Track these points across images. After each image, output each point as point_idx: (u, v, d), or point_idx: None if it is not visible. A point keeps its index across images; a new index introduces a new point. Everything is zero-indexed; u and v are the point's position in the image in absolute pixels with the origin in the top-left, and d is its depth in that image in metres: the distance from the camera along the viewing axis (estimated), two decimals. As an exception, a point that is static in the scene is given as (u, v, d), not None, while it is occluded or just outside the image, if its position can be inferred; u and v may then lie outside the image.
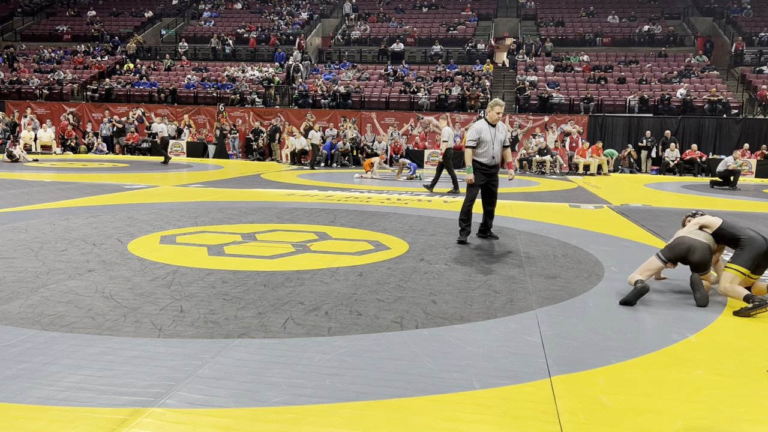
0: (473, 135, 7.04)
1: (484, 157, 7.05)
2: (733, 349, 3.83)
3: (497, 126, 7.11)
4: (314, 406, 2.87)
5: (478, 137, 7.00)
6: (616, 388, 3.18)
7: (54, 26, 33.60)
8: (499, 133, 7.09)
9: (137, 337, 3.71)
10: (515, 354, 3.61)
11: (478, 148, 7.04)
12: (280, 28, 31.74)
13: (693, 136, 21.78)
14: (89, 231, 7.18)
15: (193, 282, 5.02)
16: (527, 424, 2.77)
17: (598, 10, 32.04)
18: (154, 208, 9.29)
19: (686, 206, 11.37)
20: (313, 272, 5.46)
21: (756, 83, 24.40)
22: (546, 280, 5.48)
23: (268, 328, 3.92)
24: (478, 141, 7.02)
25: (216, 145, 22.72)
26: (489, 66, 27.19)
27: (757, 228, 8.05)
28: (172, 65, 28.60)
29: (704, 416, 2.90)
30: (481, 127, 7.05)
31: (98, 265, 5.50)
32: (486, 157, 7.05)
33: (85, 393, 2.93)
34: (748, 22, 29.77)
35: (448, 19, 32.11)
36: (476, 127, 7.08)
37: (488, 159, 7.06)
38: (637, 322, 4.40)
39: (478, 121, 7.16)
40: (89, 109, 24.92)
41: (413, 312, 4.37)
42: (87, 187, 11.86)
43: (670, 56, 27.63)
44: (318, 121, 22.87)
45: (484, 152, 7.03)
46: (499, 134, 7.09)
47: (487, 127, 7.04)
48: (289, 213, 9.14)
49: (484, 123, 7.08)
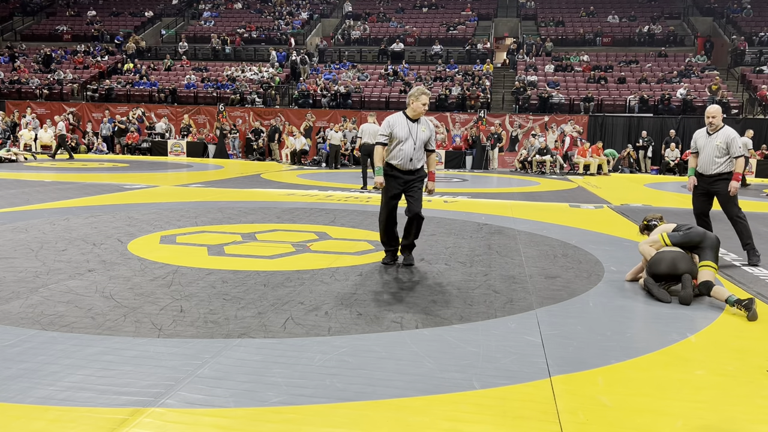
0: (384, 129, 5.70)
1: (397, 158, 5.66)
2: (733, 349, 3.82)
3: (420, 121, 5.70)
4: (314, 406, 2.87)
5: (390, 132, 5.65)
6: (616, 388, 3.18)
7: (54, 26, 33.60)
8: (421, 132, 5.68)
9: (137, 336, 3.71)
10: (515, 354, 3.61)
11: (391, 147, 5.70)
12: (280, 28, 31.74)
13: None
14: (89, 231, 7.18)
15: (193, 282, 5.02)
16: (527, 424, 2.77)
17: (598, 10, 32.04)
18: (154, 208, 9.29)
19: (687, 206, 11.37)
20: (313, 272, 5.46)
21: (756, 83, 24.39)
22: (546, 279, 5.48)
23: (268, 328, 3.92)
24: (390, 137, 5.67)
25: (216, 145, 22.73)
26: (489, 66, 27.19)
27: (756, 228, 8.03)
28: (172, 65, 28.60)
29: (704, 416, 2.90)
30: (395, 120, 5.69)
31: (98, 265, 5.50)
32: (399, 159, 5.66)
33: (86, 393, 2.93)
34: (748, 22, 29.77)
35: (448, 19, 32.11)
36: (389, 120, 5.73)
37: (403, 161, 5.66)
38: (637, 322, 4.40)
39: (395, 114, 5.84)
40: (89, 109, 24.92)
41: (413, 312, 4.37)
42: (87, 187, 11.86)
43: (670, 56, 27.63)
44: (318, 121, 22.88)
45: (397, 153, 5.65)
46: (421, 132, 5.68)
47: (405, 122, 5.65)
48: (289, 213, 9.14)
49: (402, 116, 5.72)
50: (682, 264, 4.88)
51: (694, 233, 5.10)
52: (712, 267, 4.92)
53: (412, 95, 5.64)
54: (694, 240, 5.07)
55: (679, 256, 4.93)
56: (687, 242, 5.09)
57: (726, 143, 6.42)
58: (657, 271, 4.93)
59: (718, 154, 6.46)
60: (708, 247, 5.01)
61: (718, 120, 6.50)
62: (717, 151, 6.45)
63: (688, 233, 5.13)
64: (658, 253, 5.04)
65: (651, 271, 4.98)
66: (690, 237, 5.10)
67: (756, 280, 5.70)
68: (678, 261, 4.89)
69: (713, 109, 6.47)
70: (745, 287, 5.36)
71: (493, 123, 22.31)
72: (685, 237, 5.11)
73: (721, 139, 6.45)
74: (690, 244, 5.08)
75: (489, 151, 21.11)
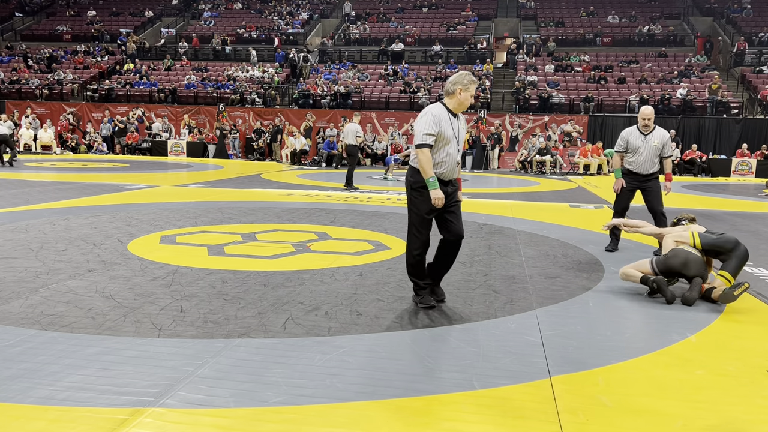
0: (429, 126, 4.27)
1: (443, 165, 4.35)
2: (734, 349, 3.82)
3: (460, 117, 4.49)
4: (314, 406, 2.87)
5: (438, 131, 4.29)
6: (616, 388, 3.18)
7: (54, 26, 33.60)
8: (462, 131, 4.52)
9: (137, 337, 3.71)
10: (515, 354, 3.61)
11: (436, 151, 4.32)
12: (281, 28, 31.74)
13: (693, 136, 21.78)
14: (89, 231, 7.18)
15: (193, 282, 5.02)
16: (527, 424, 2.77)
17: (598, 10, 32.04)
18: (154, 208, 9.29)
19: (686, 206, 11.37)
20: (313, 272, 5.46)
21: (756, 83, 24.39)
22: (546, 279, 5.47)
23: (268, 328, 3.92)
24: (438, 137, 4.30)
25: (216, 145, 22.72)
26: (489, 66, 27.18)
27: (757, 228, 8.02)
28: (172, 65, 28.60)
29: (705, 416, 2.89)
30: (440, 114, 4.34)
31: (98, 265, 5.50)
32: (445, 166, 4.36)
33: (85, 393, 2.93)
34: (748, 22, 29.76)
35: (448, 19, 32.10)
36: (434, 113, 4.33)
37: (448, 169, 4.38)
38: (637, 322, 4.40)
39: (434, 105, 4.44)
40: (89, 109, 24.92)
41: (413, 312, 4.37)
42: (87, 187, 11.86)
43: (670, 56, 27.63)
44: (318, 121, 22.87)
45: (444, 157, 4.34)
46: (462, 132, 4.52)
47: (448, 117, 4.36)
48: (289, 213, 9.14)
49: (444, 109, 4.38)
50: (693, 267, 4.86)
51: (728, 240, 4.97)
52: (726, 279, 4.82)
53: (458, 83, 4.34)
54: (726, 246, 4.94)
55: (694, 258, 4.89)
56: (718, 247, 4.97)
57: (662, 144, 6.61)
58: (670, 265, 4.91)
59: (656, 155, 6.62)
60: (735, 257, 4.89)
61: (652, 121, 6.64)
62: (655, 152, 6.61)
63: (721, 238, 5.00)
64: (676, 249, 5.00)
65: (665, 263, 4.94)
66: (722, 243, 4.96)
67: (756, 280, 5.70)
68: (691, 262, 4.86)
69: (649, 111, 6.60)
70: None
71: (493, 123, 22.31)
72: (718, 241, 4.98)
73: (658, 140, 6.61)
74: (720, 250, 4.96)
75: (489, 151, 21.11)
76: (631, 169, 6.73)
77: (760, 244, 7.68)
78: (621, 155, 6.83)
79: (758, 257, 6.75)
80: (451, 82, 4.38)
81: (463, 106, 4.40)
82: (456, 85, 4.35)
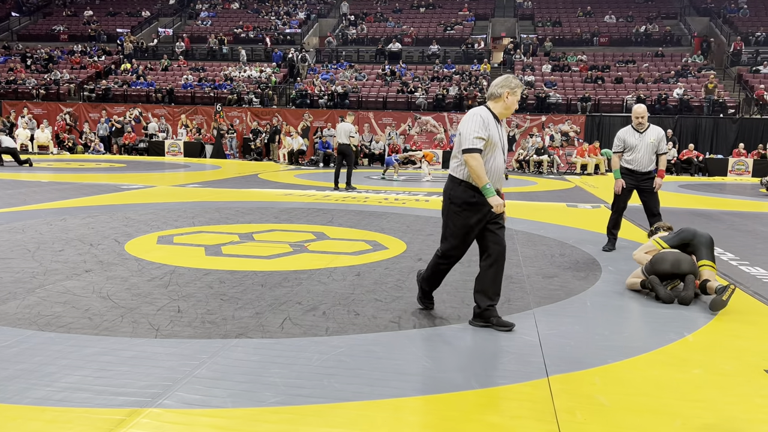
0: (479, 129, 3.93)
1: (490, 174, 3.99)
2: (731, 348, 3.83)
3: (502, 123, 4.26)
4: (312, 406, 2.87)
5: (488, 135, 3.95)
6: (613, 388, 3.18)
7: (50, 26, 33.54)
8: (505, 137, 4.24)
9: (135, 337, 3.70)
10: (513, 353, 3.61)
11: (483, 157, 3.95)
12: (278, 28, 31.72)
13: (690, 135, 21.82)
14: (86, 231, 7.16)
15: (191, 282, 5.01)
16: (525, 424, 2.77)
17: (595, 9, 32.08)
18: (151, 208, 9.27)
19: (683, 206, 11.40)
20: (310, 272, 5.46)
21: (753, 83, 24.45)
22: (543, 279, 5.48)
23: (265, 328, 3.92)
24: (487, 141, 3.95)
25: (213, 145, 22.70)
26: (486, 66, 27.20)
27: (754, 228, 8.04)
28: (169, 65, 28.57)
29: (702, 415, 2.90)
30: (488, 117, 4.01)
31: (95, 266, 5.49)
32: (491, 176, 4.01)
33: (83, 393, 2.92)
34: (745, 22, 29.82)
35: (446, 18, 32.12)
36: (482, 115, 3.99)
37: (496, 177, 4.06)
38: (635, 322, 4.41)
39: (479, 108, 4.08)
40: (86, 109, 24.88)
41: (411, 312, 4.37)
42: (84, 187, 11.83)
43: (667, 56, 27.67)
44: (315, 121, 22.86)
45: (491, 166, 4.00)
46: (506, 138, 4.25)
47: (494, 121, 4.05)
48: (287, 213, 9.14)
49: (489, 113, 4.05)
50: (685, 264, 4.89)
51: (686, 232, 5.20)
52: (710, 266, 4.98)
53: (505, 86, 4.04)
54: (686, 238, 5.14)
55: (682, 257, 4.95)
56: (680, 242, 5.16)
57: (658, 140, 6.63)
58: (660, 270, 4.94)
59: (653, 151, 6.66)
60: (702, 245, 5.07)
61: (646, 119, 6.67)
62: (652, 148, 6.65)
63: (679, 233, 5.23)
64: (660, 253, 5.05)
65: (653, 270, 4.97)
66: (682, 236, 5.18)
67: (753, 279, 5.71)
68: (681, 261, 4.91)
69: (642, 109, 6.63)
70: (742, 287, 5.37)
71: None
72: (677, 237, 5.20)
73: (654, 136, 6.63)
74: (683, 243, 5.15)
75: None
76: (630, 167, 6.75)
77: (757, 243, 7.70)
78: (619, 155, 6.85)
79: (755, 256, 6.77)
80: (498, 85, 4.07)
81: (509, 111, 4.12)
82: (503, 89, 4.05)
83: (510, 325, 4.03)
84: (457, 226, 4.04)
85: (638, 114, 6.61)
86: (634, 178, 6.76)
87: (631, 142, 6.68)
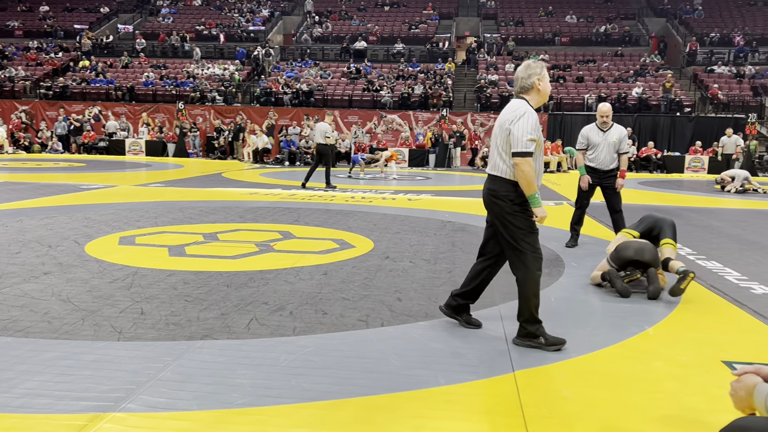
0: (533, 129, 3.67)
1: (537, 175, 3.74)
2: (690, 340, 3.94)
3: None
4: (280, 407, 2.85)
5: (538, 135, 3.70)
6: (577, 382, 3.24)
7: (4, 21, 32.50)
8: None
9: (96, 340, 3.62)
10: (479, 349, 3.65)
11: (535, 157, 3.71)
12: (241, 25, 31.36)
13: (648, 133, 22.36)
14: (44, 233, 6.97)
15: (154, 283, 4.92)
16: (492, 419, 2.80)
17: (557, 10, 32.59)
18: (112, 208, 9.08)
19: (643, 202, 11.67)
20: (277, 272, 5.42)
21: (707, 82, 25.16)
22: (508, 275, 5.49)
23: (231, 329, 3.88)
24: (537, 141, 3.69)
25: (176, 144, 22.34)
26: (451, 65, 27.38)
27: (710, 223, 8.26)
28: (130, 62, 27.99)
29: (664, 407, 2.97)
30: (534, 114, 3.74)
31: (54, 268, 5.35)
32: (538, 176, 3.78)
33: (43, 399, 2.85)
34: (700, 23, 30.67)
35: (410, 17, 32.23)
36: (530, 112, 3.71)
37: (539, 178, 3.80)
38: (597, 316, 4.49)
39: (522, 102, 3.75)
40: (43, 108, 24.21)
41: (379, 310, 4.38)
42: (41, 187, 11.51)
43: (626, 56, 28.29)
44: (280, 119, 22.68)
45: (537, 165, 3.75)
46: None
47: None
48: (252, 212, 9.05)
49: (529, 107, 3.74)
50: (647, 254, 5.02)
51: (649, 218, 5.45)
52: (671, 244, 5.21)
53: (533, 74, 3.74)
54: (650, 223, 5.39)
55: (646, 246, 5.08)
56: (647, 227, 5.38)
57: (620, 140, 6.78)
58: (623, 257, 5.06)
59: (614, 150, 6.81)
60: (666, 225, 5.32)
61: (610, 118, 6.82)
62: (614, 148, 6.80)
63: (643, 219, 5.46)
64: (626, 242, 5.22)
65: (617, 257, 5.11)
66: (649, 222, 5.40)
67: (709, 273, 5.88)
68: (645, 250, 5.04)
69: (607, 108, 6.78)
70: (699, 280, 5.52)
71: (455, 121, 22.48)
72: (642, 223, 5.42)
73: (616, 136, 6.78)
74: (650, 228, 5.36)
75: (451, 150, 21.28)
76: (592, 165, 6.89)
77: (713, 238, 7.93)
78: (583, 152, 6.97)
79: (711, 251, 6.97)
80: (523, 77, 3.74)
81: (545, 97, 3.80)
82: (532, 78, 3.72)
83: (478, 324, 4.04)
84: (525, 226, 3.68)
85: (603, 113, 6.73)
86: (596, 176, 6.90)
87: (595, 140, 6.81)
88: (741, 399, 1.88)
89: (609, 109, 6.76)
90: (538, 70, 3.74)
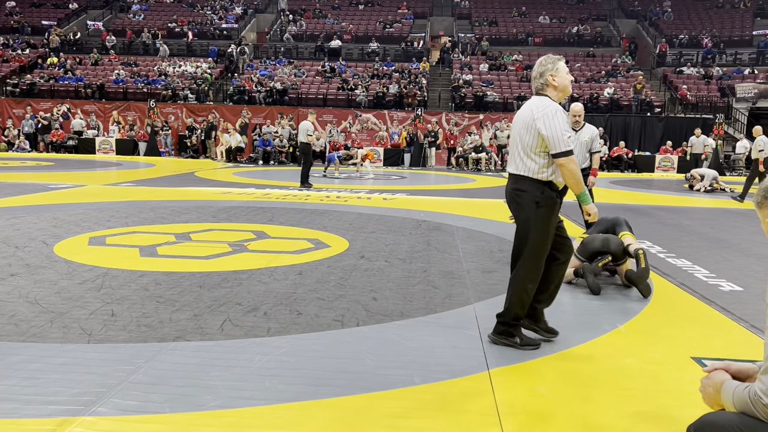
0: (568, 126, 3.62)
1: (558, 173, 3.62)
2: (660, 337, 4.00)
3: None
4: (254, 408, 2.82)
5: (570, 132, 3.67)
6: (551, 379, 3.27)
7: (-31, 17, 31.71)
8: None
9: (65, 343, 3.54)
10: (455, 348, 3.66)
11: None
12: (214, 23, 31.03)
13: (620, 133, 22.68)
14: (11, 233, 6.81)
15: (125, 284, 4.84)
16: (467, 418, 2.80)
17: (530, 10, 32.88)
18: (81, 208, 8.90)
19: (614, 201, 11.83)
20: (251, 272, 5.37)
21: (677, 83, 25.62)
22: (483, 274, 5.57)
23: (204, 331, 3.83)
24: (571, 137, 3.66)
25: (147, 143, 22.02)
26: (425, 64, 27.45)
27: (679, 221, 8.42)
28: (100, 59, 27.49)
29: (636, 403, 3.01)
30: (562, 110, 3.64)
31: (21, 269, 5.22)
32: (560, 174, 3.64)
33: (9, 404, 2.78)
34: (669, 25, 31.23)
35: (384, 16, 32.22)
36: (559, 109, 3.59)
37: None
38: (570, 315, 4.54)
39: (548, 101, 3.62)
40: (9, 105, 23.66)
41: (354, 310, 4.36)
42: (8, 186, 11.25)
43: (598, 56, 28.66)
44: (254, 118, 22.50)
45: None
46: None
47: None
48: (225, 212, 8.96)
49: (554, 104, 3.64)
50: (613, 244, 5.25)
51: (604, 220, 5.63)
52: (629, 234, 5.46)
53: (545, 70, 3.64)
54: (606, 225, 5.60)
55: (611, 237, 5.32)
56: (604, 229, 5.56)
57: (591, 139, 6.90)
58: (591, 249, 5.28)
59: (587, 150, 6.93)
60: (621, 222, 5.57)
61: (582, 118, 6.94)
62: (585, 147, 6.91)
63: (599, 222, 5.62)
64: (591, 236, 5.42)
65: (585, 250, 5.30)
66: (603, 225, 5.59)
67: (679, 271, 5.98)
68: (610, 240, 5.27)
69: (579, 107, 6.89)
70: (669, 278, 5.62)
71: (430, 121, 22.55)
72: (598, 226, 5.58)
73: (588, 135, 6.89)
74: (606, 229, 5.55)
75: (426, 149, 21.34)
76: None
77: (682, 236, 8.07)
78: None
79: (681, 249, 7.10)
80: (535, 76, 3.66)
81: (566, 90, 3.68)
82: (544, 75, 3.61)
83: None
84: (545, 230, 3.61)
85: (575, 112, 6.81)
86: None
87: None
88: (710, 395, 1.96)
89: (581, 108, 6.84)
90: (550, 66, 3.63)
